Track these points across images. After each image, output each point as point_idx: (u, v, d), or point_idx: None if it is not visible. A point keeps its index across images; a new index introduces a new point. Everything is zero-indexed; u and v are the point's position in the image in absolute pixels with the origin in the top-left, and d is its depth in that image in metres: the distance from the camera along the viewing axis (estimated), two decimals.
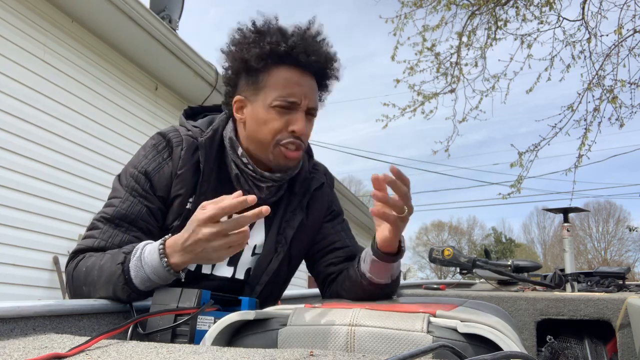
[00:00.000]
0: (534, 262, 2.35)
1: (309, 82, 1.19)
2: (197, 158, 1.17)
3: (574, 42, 5.60)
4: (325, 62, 1.20)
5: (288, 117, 1.16)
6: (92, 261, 1.05)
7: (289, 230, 1.25)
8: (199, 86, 5.62)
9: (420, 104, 5.95)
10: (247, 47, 1.17)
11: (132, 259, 1.00)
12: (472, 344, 0.77)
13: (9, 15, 3.93)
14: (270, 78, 1.17)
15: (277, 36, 1.16)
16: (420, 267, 34.11)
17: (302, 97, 1.16)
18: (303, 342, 0.82)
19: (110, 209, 1.13)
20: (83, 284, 1.05)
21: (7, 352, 0.68)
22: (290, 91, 1.15)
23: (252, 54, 1.15)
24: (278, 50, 1.15)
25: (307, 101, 1.17)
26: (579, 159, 5.41)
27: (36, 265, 4.12)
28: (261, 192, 1.22)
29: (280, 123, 1.16)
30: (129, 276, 0.99)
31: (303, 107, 1.17)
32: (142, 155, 1.18)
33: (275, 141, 1.16)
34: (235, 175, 1.21)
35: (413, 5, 5.68)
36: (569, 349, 1.86)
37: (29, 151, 4.05)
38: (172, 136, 1.18)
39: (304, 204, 1.28)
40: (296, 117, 1.16)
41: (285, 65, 1.17)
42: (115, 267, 1.00)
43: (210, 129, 1.22)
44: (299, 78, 1.17)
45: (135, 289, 1.00)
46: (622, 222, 32.85)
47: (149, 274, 0.98)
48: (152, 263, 0.98)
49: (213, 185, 1.18)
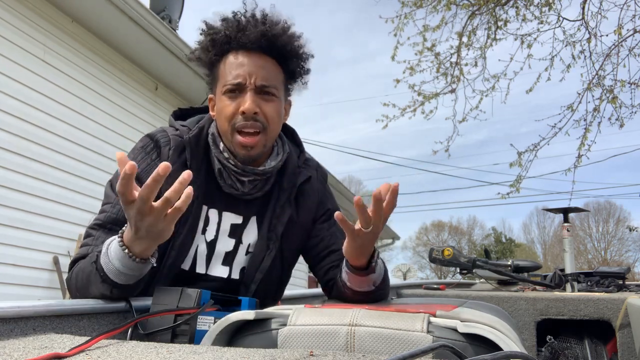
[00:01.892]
0: (534, 262, 2.35)
1: (256, 61, 1.18)
2: (185, 157, 1.18)
3: (574, 42, 5.60)
4: (268, 35, 1.17)
5: (238, 99, 1.16)
6: (79, 267, 1.07)
7: (279, 227, 1.25)
8: (199, 86, 5.62)
9: (420, 104, 5.95)
10: (198, 46, 1.22)
11: (101, 256, 1.00)
12: (472, 344, 0.77)
13: (9, 15, 3.93)
14: (220, 68, 1.20)
15: (220, 26, 1.19)
16: (420, 267, 34.12)
17: (246, 76, 1.16)
18: (303, 342, 0.82)
19: (103, 215, 1.13)
20: (77, 290, 1.07)
21: (7, 352, 0.68)
22: (235, 73, 1.16)
23: (200, 50, 1.21)
24: (217, 38, 1.18)
25: (254, 79, 1.16)
26: (578, 159, 5.41)
27: (36, 265, 4.12)
28: (244, 187, 1.22)
29: (231, 107, 1.16)
30: (103, 273, 0.98)
31: (250, 85, 1.16)
32: (131, 158, 1.18)
33: (231, 127, 1.16)
34: (218, 170, 1.21)
35: (413, 5, 5.68)
36: (569, 349, 1.86)
37: (29, 151, 4.05)
38: (159, 137, 1.19)
39: (291, 198, 1.28)
40: (244, 98, 1.16)
41: (230, 52, 1.19)
42: (90, 266, 1.01)
43: (196, 127, 1.23)
44: (242, 59, 1.17)
45: (114, 284, 0.99)
46: (622, 222, 32.87)
47: (118, 267, 0.97)
48: (117, 256, 0.97)
49: (201, 182, 1.19)
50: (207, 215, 1.21)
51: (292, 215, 1.27)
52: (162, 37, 4.82)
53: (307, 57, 1.26)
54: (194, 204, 1.17)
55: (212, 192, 1.22)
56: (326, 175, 1.41)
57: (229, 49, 1.19)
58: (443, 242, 36.53)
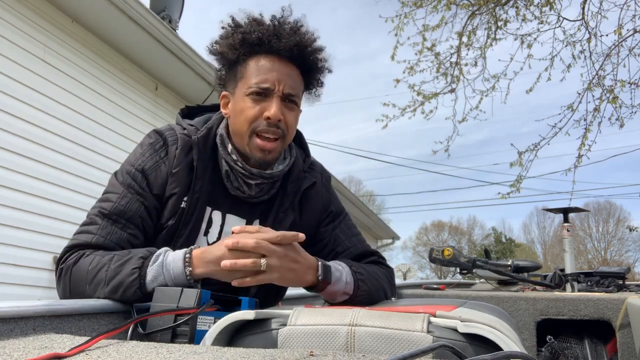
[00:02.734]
0: (534, 262, 2.35)
1: (285, 68, 1.18)
2: (191, 157, 1.18)
3: (574, 42, 5.60)
4: (301, 45, 1.18)
5: (263, 104, 1.16)
6: (97, 260, 1.04)
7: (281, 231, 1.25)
8: (199, 86, 5.62)
9: (420, 104, 5.95)
10: (223, 41, 1.20)
11: (152, 264, 1.02)
12: (472, 344, 0.77)
13: (9, 15, 3.93)
14: (246, 68, 1.18)
15: (250, 26, 1.17)
16: (420, 267, 34.12)
17: (275, 82, 1.15)
18: (303, 342, 0.82)
19: (108, 204, 1.13)
20: (87, 282, 1.04)
21: (7, 352, 0.68)
22: (263, 77, 1.15)
23: (226, 45, 1.18)
24: (250, 38, 1.16)
25: (282, 86, 1.16)
26: (578, 159, 5.41)
27: (36, 265, 4.12)
28: (250, 190, 1.22)
29: (255, 110, 1.15)
30: (144, 281, 1.00)
31: (277, 92, 1.16)
32: (140, 153, 1.19)
33: (251, 129, 1.16)
34: (226, 172, 1.21)
35: (413, 5, 5.68)
36: (569, 349, 1.86)
37: (29, 151, 4.05)
38: (167, 135, 1.19)
39: (295, 203, 1.28)
40: (271, 103, 1.15)
41: (259, 54, 1.17)
42: (131, 270, 1.01)
43: (204, 127, 1.23)
44: (272, 64, 1.17)
45: (145, 293, 1.01)
46: (622, 222, 32.86)
47: (167, 281, 1.01)
48: (174, 271, 1.01)
49: (207, 184, 1.19)
50: (211, 216, 1.21)
51: (295, 220, 1.27)
52: (162, 37, 4.82)
53: (328, 72, 1.27)
54: (198, 204, 1.17)
55: (217, 193, 1.22)
56: (330, 178, 1.42)
57: (259, 51, 1.17)
58: (443, 242, 36.51)
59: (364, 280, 1.18)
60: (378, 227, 13.89)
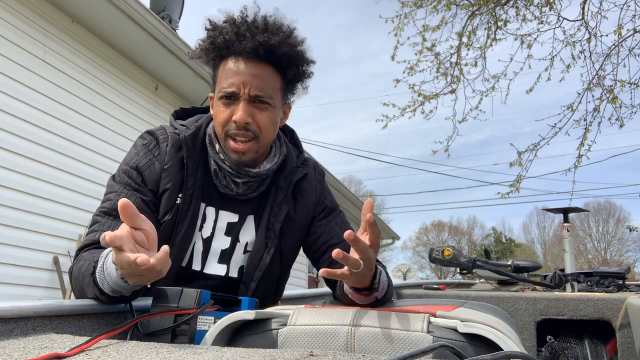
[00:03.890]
0: (534, 262, 2.35)
1: (252, 69, 1.16)
2: (182, 154, 1.20)
3: (574, 42, 5.60)
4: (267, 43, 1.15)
5: (232, 107, 1.16)
6: (81, 264, 1.06)
7: (277, 225, 1.26)
8: (199, 86, 5.62)
9: (420, 104, 5.95)
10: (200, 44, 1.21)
11: (97, 270, 0.99)
12: (472, 344, 0.77)
13: (9, 15, 3.93)
14: (219, 72, 1.19)
15: (220, 29, 1.17)
16: (420, 267, 34.09)
17: (240, 85, 1.15)
18: (303, 342, 0.82)
19: (108, 202, 1.15)
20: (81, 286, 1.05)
21: (7, 352, 0.68)
22: (229, 81, 1.15)
23: (200, 50, 1.20)
24: (216, 42, 1.16)
25: (247, 89, 1.15)
26: (578, 159, 5.41)
27: (36, 265, 4.12)
28: (238, 188, 1.23)
29: (225, 114, 1.17)
30: (98, 287, 0.98)
31: (243, 95, 1.15)
32: (134, 153, 1.22)
33: (224, 133, 1.18)
34: (214, 170, 1.23)
35: (413, 5, 5.68)
36: (569, 349, 1.86)
37: (29, 151, 4.05)
38: (159, 134, 1.22)
39: (288, 196, 1.29)
40: (237, 106, 1.16)
41: (228, 57, 1.17)
42: (89, 277, 1.00)
43: (193, 126, 1.25)
44: (239, 67, 1.16)
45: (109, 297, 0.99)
46: (622, 222, 32.87)
47: (112, 285, 0.96)
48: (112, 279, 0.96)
49: (199, 180, 1.21)
50: (205, 212, 1.23)
51: (289, 213, 1.28)
52: (162, 37, 4.82)
53: (308, 63, 1.25)
54: (192, 200, 1.18)
55: (209, 190, 1.24)
56: (324, 173, 1.41)
57: (227, 54, 1.17)
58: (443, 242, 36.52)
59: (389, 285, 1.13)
60: None
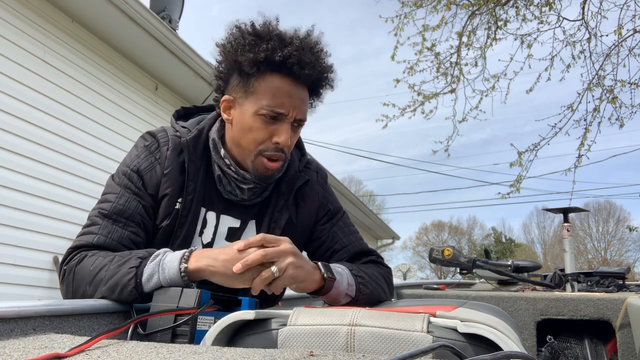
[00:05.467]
0: (534, 262, 2.35)
1: (301, 94, 1.16)
2: (183, 158, 1.18)
3: (574, 42, 5.61)
4: (320, 75, 1.17)
5: (273, 127, 1.14)
6: (99, 261, 1.04)
7: (277, 230, 1.24)
8: (199, 86, 5.62)
9: (420, 103, 5.95)
10: (242, 50, 1.13)
11: (149, 263, 1.01)
12: (472, 344, 0.77)
13: (9, 15, 3.93)
14: (262, 85, 1.13)
15: (273, 43, 1.12)
16: (420, 267, 34.06)
17: (290, 108, 1.14)
18: (303, 342, 0.82)
19: (107, 204, 1.13)
20: (88, 282, 1.04)
21: (7, 352, 0.68)
22: (279, 101, 1.13)
23: (246, 59, 1.12)
24: (272, 58, 1.11)
25: (296, 113, 1.15)
26: (578, 159, 5.42)
27: (36, 265, 4.12)
28: (243, 194, 1.22)
29: (264, 133, 1.14)
30: (140, 280, 0.99)
31: (290, 118, 1.15)
32: (135, 154, 1.19)
33: (257, 151, 1.16)
34: (218, 176, 1.21)
35: (413, 5, 5.68)
36: (569, 349, 1.86)
37: (29, 151, 4.05)
38: (160, 136, 1.20)
39: (290, 202, 1.28)
40: (281, 128, 1.14)
41: (278, 73, 1.13)
42: (128, 269, 1.00)
43: (195, 129, 1.22)
44: (290, 89, 1.14)
45: (142, 293, 1.00)
46: (622, 222, 32.85)
47: (162, 279, 1.00)
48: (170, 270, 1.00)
49: (200, 185, 1.19)
50: (205, 217, 1.21)
51: (290, 218, 1.27)
52: (162, 37, 4.82)
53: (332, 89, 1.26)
54: (192, 205, 1.17)
55: (211, 194, 1.22)
56: (326, 175, 1.41)
57: (279, 71, 1.13)
58: (443, 242, 36.51)
59: (365, 283, 1.18)
60: (378, 227, 13.89)
